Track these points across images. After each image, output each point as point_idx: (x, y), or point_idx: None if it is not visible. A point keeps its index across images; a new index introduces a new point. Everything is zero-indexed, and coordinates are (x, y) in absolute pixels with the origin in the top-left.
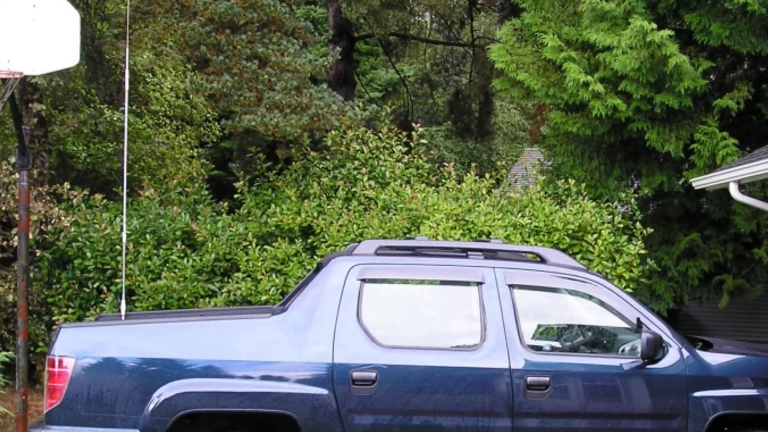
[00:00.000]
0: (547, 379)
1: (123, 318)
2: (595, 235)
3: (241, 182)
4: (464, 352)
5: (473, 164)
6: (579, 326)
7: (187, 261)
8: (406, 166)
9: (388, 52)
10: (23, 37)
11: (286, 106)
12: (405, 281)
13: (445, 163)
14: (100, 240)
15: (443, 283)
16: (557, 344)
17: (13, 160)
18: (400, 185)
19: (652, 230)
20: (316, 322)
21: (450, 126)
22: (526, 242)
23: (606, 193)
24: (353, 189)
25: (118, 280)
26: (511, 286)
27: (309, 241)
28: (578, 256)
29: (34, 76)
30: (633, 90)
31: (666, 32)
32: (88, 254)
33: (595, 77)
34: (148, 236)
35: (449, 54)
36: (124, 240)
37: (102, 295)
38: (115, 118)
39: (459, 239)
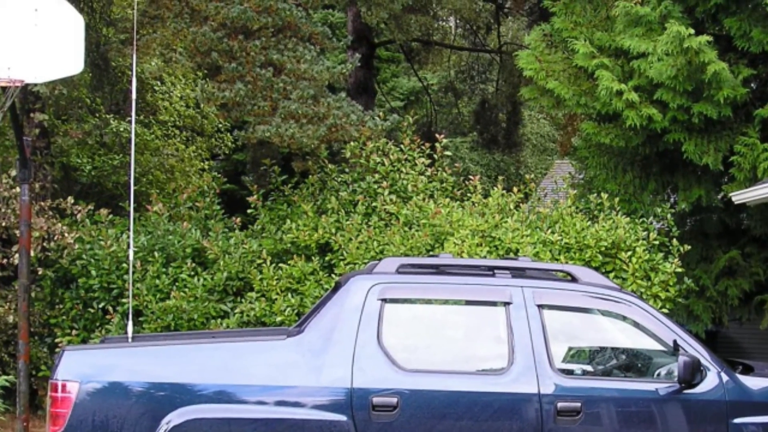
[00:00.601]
0: (579, 404)
1: (130, 340)
2: (629, 253)
3: (255, 196)
4: (491, 376)
5: (500, 177)
6: (612, 349)
7: (198, 280)
8: (430, 180)
9: (410, 58)
10: (24, 43)
11: (303, 116)
12: (428, 301)
13: (471, 177)
14: (106, 258)
15: (468, 303)
16: (589, 368)
17: (13, 173)
18: (423, 200)
19: (689, 247)
20: (334, 344)
21: (475, 137)
22: (556, 260)
23: (641, 208)
24: (373, 204)
25: (124, 300)
26: (540, 306)
27: (326, 258)
28: (611, 275)
29: (35, 85)
30: (669, 99)
31: (704, 38)
32: (93, 273)
33: (629, 85)
34: (156, 254)
35: (475, 61)
36: (131, 258)
37: (108, 316)
38: (121, 129)
39: (485, 257)
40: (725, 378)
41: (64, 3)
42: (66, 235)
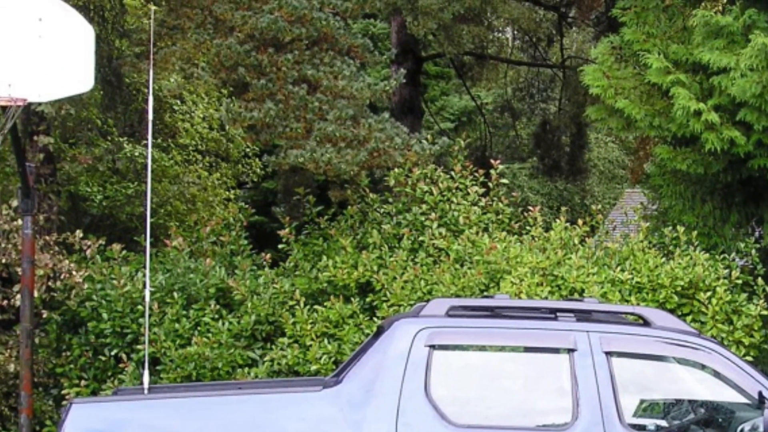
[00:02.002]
0: None
1: (146, 392)
2: (709, 293)
3: (287, 230)
4: (553, 431)
5: (563, 208)
6: (689, 401)
7: (223, 324)
8: (484, 211)
9: (461, 74)
10: (27, 56)
11: (341, 139)
12: (482, 348)
13: (530, 207)
14: (119, 299)
15: (528, 350)
16: (663, 423)
17: (15, 203)
18: (477, 233)
19: None
20: (376, 396)
21: (535, 163)
22: (626, 301)
23: (722, 242)
24: (420, 238)
25: (140, 347)
26: (608, 353)
27: (368, 300)
28: (688, 318)
29: (39, 104)
30: (754, 120)
31: None
32: (105, 316)
33: (708, 104)
34: (175, 294)
35: (534, 77)
36: (148, 299)
37: (121, 365)
38: (136, 154)
39: (546, 298)
40: None
41: (72, 12)
42: (74, 273)
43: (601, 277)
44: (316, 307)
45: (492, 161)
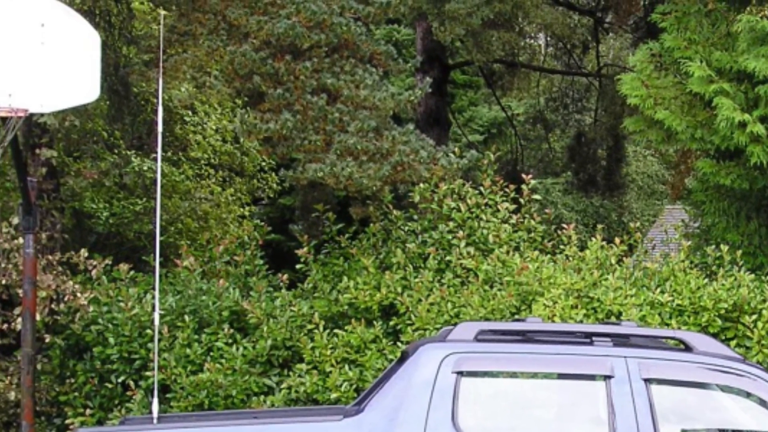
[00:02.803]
0: None
1: (155, 421)
2: (755, 316)
3: (305, 249)
4: None
5: (599, 226)
6: (733, 431)
7: (237, 349)
8: (515, 229)
9: (491, 83)
10: (28, 64)
11: (363, 153)
12: (513, 374)
13: (564, 225)
14: (126, 322)
15: (562, 377)
16: None
17: (16, 220)
18: (507, 253)
19: None
20: (400, 426)
21: (570, 178)
22: (667, 325)
23: None
24: (447, 257)
25: (149, 373)
26: (647, 380)
27: (391, 323)
28: (733, 343)
29: (42, 115)
30: None
31: None
32: (111, 340)
33: (753, 116)
34: (187, 317)
35: (569, 86)
36: (157, 322)
37: (129, 393)
38: (145, 168)
39: (581, 321)
40: None
41: (77, 17)
42: (78, 295)
43: (639, 299)
44: (336, 331)
45: (523, 176)
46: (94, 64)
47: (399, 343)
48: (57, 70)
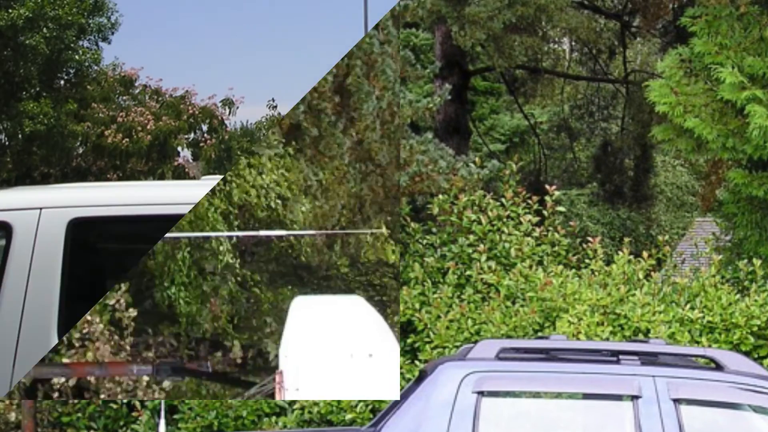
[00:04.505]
0: None
1: None
2: None
3: None
4: None
5: (626, 239)
6: None
7: None
8: (538, 242)
9: (513, 90)
10: None
11: None
12: (536, 395)
13: (590, 238)
14: None
15: (587, 396)
16: None
17: None
18: (530, 267)
19: None
20: None
21: (595, 189)
22: (697, 342)
23: None
24: (467, 272)
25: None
26: (676, 400)
27: (408, 341)
28: (766, 361)
29: None
30: None
31: None
32: None
33: None
34: None
35: (594, 93)
36: None
37: (134, 413)
38: None
39: (608, 339)
40: None
41: None
42: None
43: (668, 315)
44: None
45: (547, 187)
46: None
47: (417, 362)
48: None
